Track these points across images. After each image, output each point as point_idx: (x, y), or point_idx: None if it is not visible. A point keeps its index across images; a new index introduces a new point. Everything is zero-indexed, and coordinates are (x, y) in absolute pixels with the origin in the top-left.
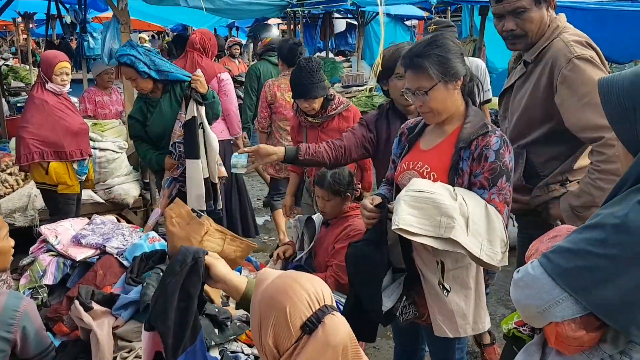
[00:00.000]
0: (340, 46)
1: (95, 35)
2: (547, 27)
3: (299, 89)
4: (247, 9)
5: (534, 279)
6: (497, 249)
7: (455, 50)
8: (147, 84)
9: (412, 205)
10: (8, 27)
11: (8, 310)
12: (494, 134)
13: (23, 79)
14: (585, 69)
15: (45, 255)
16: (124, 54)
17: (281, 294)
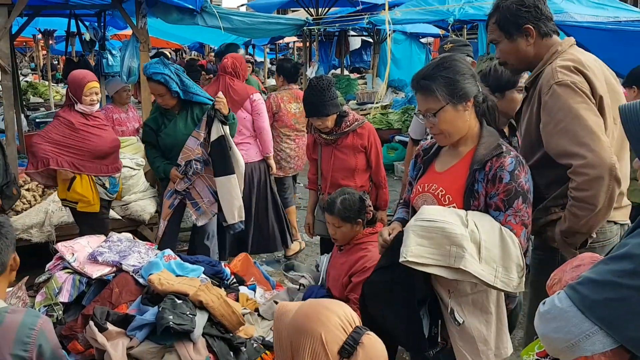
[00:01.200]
0: (355, 63)
1: (114, 52)
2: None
3: (311, 107)
4: (264, 28)
5: (561, 311)
6: (513, 275)
7: (464, 71)
8: (173, 101)
9: (421, 235)
10: (28, 43)
11: (25, 329)
12: (509, 154)
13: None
14: (562, 95)
15: (62, 272)
16: (158, 72)
17: (312, 321)
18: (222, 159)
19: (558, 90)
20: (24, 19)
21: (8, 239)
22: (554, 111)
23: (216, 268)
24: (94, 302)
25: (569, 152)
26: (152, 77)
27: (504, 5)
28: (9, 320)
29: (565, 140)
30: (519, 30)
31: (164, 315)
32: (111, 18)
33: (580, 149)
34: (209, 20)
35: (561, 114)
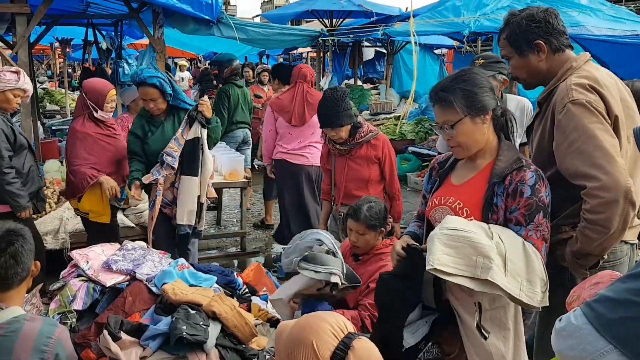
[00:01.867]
0: (369, 74)
1: (130, 61)
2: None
3: (325, 118)
4: (279, 39)
5: (576, 329)
6: (537, 289)
7: (483, 84)
8: (164, 106)
9: (447, 244)
10: (45, 51)
11: (42, 337)
12: (529, 168)
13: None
14: (577, 114)
15: (76, 280)
16: (153, 75)
17: (305, 330)
18: (192, 159)
19: (572, 109)
20: (42, 28)
21: (31, 244)
22: (568, 130)
23: (229, 278)
24: (108, 310)
25: (584, 174)
26: (147, 81)
27: (514, 20)
28: (28, 328)
29: (579, 161)
30: (530, 46)
31: (178, 325)
32: (128, 27)
33: (595, 171)
34: (225, 31)
35: (575, 133)
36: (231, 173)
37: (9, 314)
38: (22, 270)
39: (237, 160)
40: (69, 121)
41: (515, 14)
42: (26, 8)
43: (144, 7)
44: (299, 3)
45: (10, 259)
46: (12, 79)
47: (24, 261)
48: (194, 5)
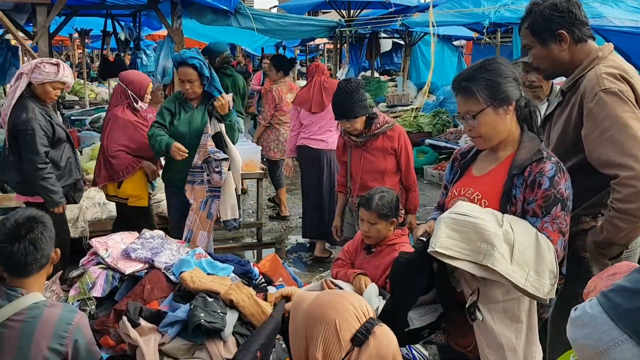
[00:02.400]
0: (386, 65)
1: (148, 52)
2: (585, 57)
3: (339, 110)
4: (297, 29)
5: (592, 318)
6: (545, 281)
7: (507, 74)
8: (200, 90)
9: (452, 228)
10: (64, 42)
11: (62, 323)
12: (549, 160)
13: (77, 92)
14: (610, 103)
15: (95, 267)
16: (194, 57)
17: (329, 308)
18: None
19: (605, 98)
20: (61, 19)
21: (52, 231)
22: (600, 119)
23: (245, 267)
24: (127, 297)
25: (616, 163)
26: (187, 61)
27: (536, 10)
28: (48, 314)
29: (611, 150)
30: (552, 36)
31: (196, 313)
32: (146, 18)
33: (627, 160)
34: (243, 21)
35: (607, 122)
36: (247, 164)
37: (29, 300)
38: (41, 257)
39: (254, 151)
40: (88, 111)
41: (538, 3)
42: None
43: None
44: None
45: (30, 245)
46: (52, 71)
47: (43, 248)
48: None
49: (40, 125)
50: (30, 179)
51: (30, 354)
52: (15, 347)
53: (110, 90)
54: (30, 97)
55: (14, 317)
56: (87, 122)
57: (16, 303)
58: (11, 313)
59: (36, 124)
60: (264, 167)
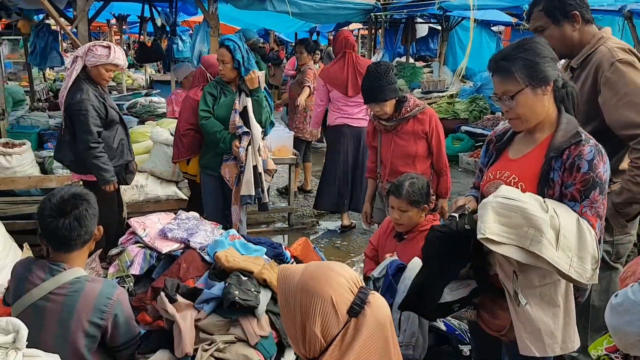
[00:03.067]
0: (421, 51)
1: (184, 38)
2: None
3: (368, 93)
4: (332, 13)
5: (634, 304)
6: (588, 266)
7: (545, 54)
8: (232, 73)
9: (500, 213)
10: (102, 28)
11: (102, 298)
12: (588, 143)
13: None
14: (627, 72)
15: (134, 246)
16: (231, 39)
17: (321, 283)
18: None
19: (621, 67)
20: (100, 4)
21: (95, 209)
22: (619, 86)
23: (277, 250)
24: (163, 275)
25: (636, 123)
26: (224, 43)
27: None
28: (89, 289)
29: (632, 112)
30: (566, 17)
31: (231, 290)
32: (182, 4)
33: None
34: (278, 5)
35: (626, 88)
36: (280, 149)
37: (71, 275)
38: (85, 233)
39: (286, 137)
40: (125, 96)
41: None
42: None
43: None
44: None
45: (75, 221)
46: (104, 53)
47: (87, 224)
48: None
49: (93, 106)
50: (83, 158)
51: (71, 327)
52: (57, 320)
53: (146, 77)
54: (85, 80)
55: (57, 290)
56: (125, 107)
57: (59, 277)
58: (54, 287)
59: (89, 105)
60: (297, 153)
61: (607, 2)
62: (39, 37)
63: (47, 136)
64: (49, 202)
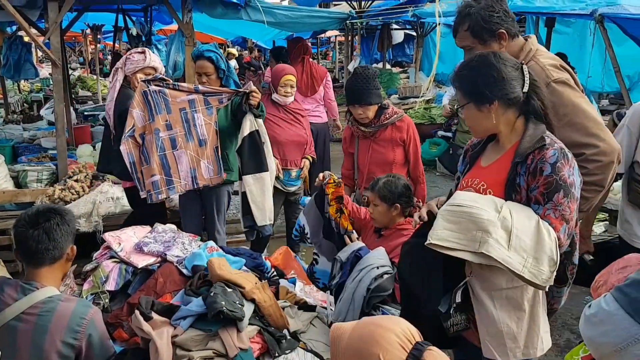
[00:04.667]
0: (398, 57)
1: (159, 47)
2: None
3: (354, 94)
4: (308, 21)
5: (609, 315)
6: (544, 268)
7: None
8: (217, 84)
9: (449, 220)
10: (77, 38)
11: (76, 318)
12: (552, 146)
13: (90, 88)
14: (563, 92)
15: (108, 261)
16: (211, 50)
17: (369, 344)
18: (256, 154)
19: (558, 88)
20: (73, 14)
21: (70, 227)
22: (557, 107)
23: (257, 261)
24: (140, 291)
25: (581, 143)
26: (204, 54)
27: (474, 12)
28: (62, 308)
29: (574, 133)
30: (493, 36)
31: (217, 300)
32: (157, 13)
33: (591, 139)
34: (253, 14)
35: (565, 109)
36: None
37: (44, 294)
38: (53, 248)
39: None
40: (101, 107)
41: (471, 4)
42: None
43: None
44: None
45: (43, 233)
46: (140, 59)
47: (56, 239)
48: None
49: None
50: None
51: (45, 348)
52: (30, 340)
53: None
54: (129, 87)
55: (29, 310)
56: (100, 118)
57: (31, 297)
58: (26, 306)
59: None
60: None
61: (578, 6)
62: (12, 50)
63: (22, 149)
64: (25, 214)
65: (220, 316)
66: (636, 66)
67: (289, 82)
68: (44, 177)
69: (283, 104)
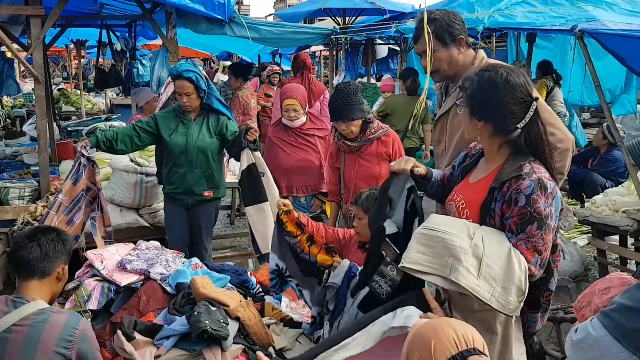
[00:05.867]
0: (382, 72)
1: (144, 62)
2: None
3: (337, 111)
4: (292, 37)
5: (596, 340)
6: (512, 298)
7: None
8: (197, 102)
9: (423, 244)
10: (61, 53)
11: (68, 328)
12: (529, 177)
13: (74, 103)
14: None
15: (91, 280)
16: (190, 69)
17: (429, 330)
18: (254, 187)
19: None
20: (57, 30)
21: (65, 246)
22: None
23: (242, 277)
24: (122, 309)
25: None
26: (183, 74)
27: (439, 17)
28: (54, 319)
29: None
30: (454, 40)
31: (201, 319)
32: (142, 28)
33: (549, 128)
34: (237, 30)
35: None
36: None
37: (35, 307)
38: (44, 260)
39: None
40: (84, 122)
41: (434, 12)
42: (40, 10)
43: (157, 8)
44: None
45: (37, 246)
46: None
47: (48, 253)
48: (207, 5)
49: None
50: None
51: (35, 358)
52: (20, 350)
53: (107, 101)
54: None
55: (21, 322)
56: (84, 133)
57: (22, 309)
58: (17, 319)
59: None
60: None
61: (559, 22)
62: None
63: (4, 165)
64: (25, 229)
65: (204, 335)
66: (617, 80)
67: (291, 107)
68: (26, 194)
69: (292, 127)
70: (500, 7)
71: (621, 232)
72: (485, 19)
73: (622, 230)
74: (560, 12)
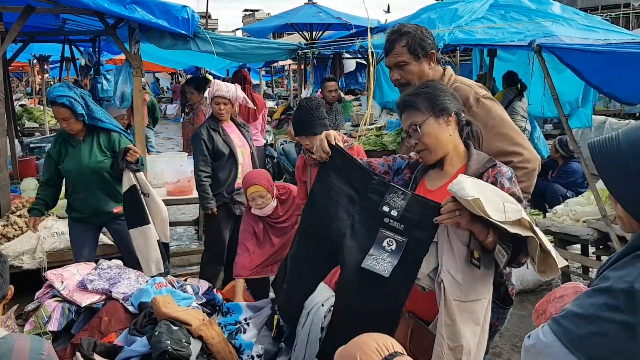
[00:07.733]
0: (351, 85)
1: (108, 77)
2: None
3: (300, 126)
4: (257, 52)
5: (546, 346)
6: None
7: (444, 89)
8: (78, 126)
9: (475, 184)
10: (24, 68)
11: (35, 353)
12: (504, 165)
13: (37, 119)
14: (491, 106)
15: (51, 300)
16: (63, 94)
17: (352, 347)
18: (136, 209)
19: (486, 102)
20: (18, 45)
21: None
22: (486, 119)
23: (208, 296)
24: (83, 331)
25: (509, 151)
26: (56, 100)
27: (412, 31)
28: (19, 347)
29: (502, 142)
30: (426, 55)
31: (162, 339)
32: (106, 43)
33: (517, 148)
34: (202, 45)
35: (493, 121)
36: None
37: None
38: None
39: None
40: (47, 139)
41: (406, 25)
42: (0, 26)
43: (120, 23)
44: (279, 16)
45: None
46: (213, 89)
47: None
48: (170, 20)
49: (203, 140)
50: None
51: None
52: None
53: None
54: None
55: None
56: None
57: None
58: None
59: (199, 139)
60: None
61: (517, 37)
62: None
63: None
64: None
65: (165, 356)
66: (576, 93)
67: (256, 194)
68: None
69: (263, 215)
70: (460, 24)
71: (582, 242)
72: (445, 36)
73: (583, 240)
74: (519, 27)
